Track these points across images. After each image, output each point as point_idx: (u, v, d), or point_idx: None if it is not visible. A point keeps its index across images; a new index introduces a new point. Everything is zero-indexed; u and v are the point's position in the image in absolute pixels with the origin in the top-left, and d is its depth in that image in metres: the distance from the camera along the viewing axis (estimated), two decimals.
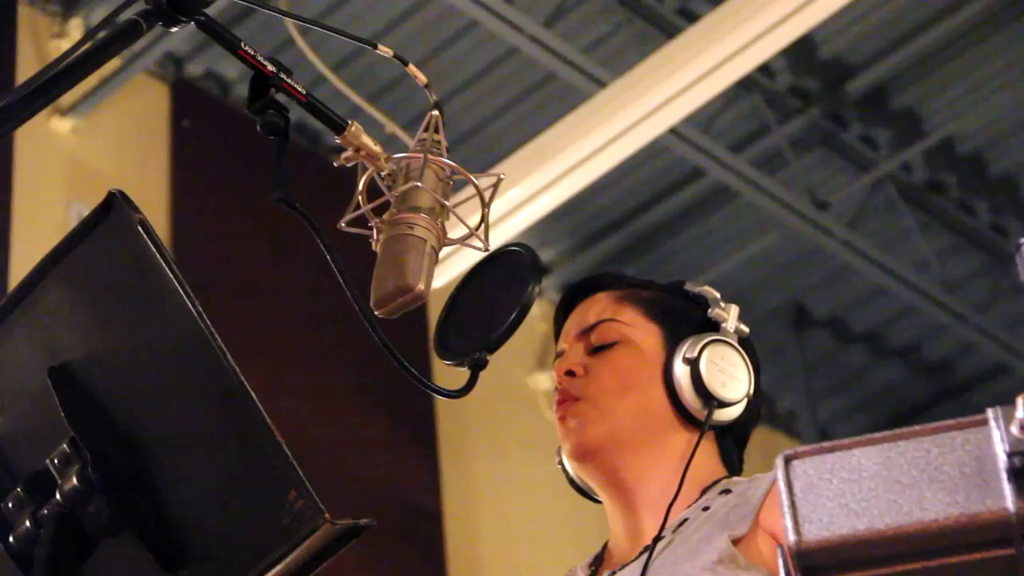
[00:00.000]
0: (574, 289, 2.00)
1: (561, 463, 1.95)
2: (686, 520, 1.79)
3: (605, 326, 1.93)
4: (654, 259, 6.45)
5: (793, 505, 1.01)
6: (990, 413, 0.99)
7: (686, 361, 1.86)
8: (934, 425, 0.99)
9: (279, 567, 1.28)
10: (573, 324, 1.96)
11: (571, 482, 1.97)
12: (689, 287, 1.97)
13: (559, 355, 1.95)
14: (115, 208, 1.37)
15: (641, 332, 1.92)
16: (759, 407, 1.94)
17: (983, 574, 0.98)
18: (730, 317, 1.92)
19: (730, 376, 1.87)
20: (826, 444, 1.01)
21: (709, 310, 1.92)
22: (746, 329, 1.93)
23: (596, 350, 1.92)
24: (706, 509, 1.79)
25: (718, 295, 1.95)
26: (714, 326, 1.91)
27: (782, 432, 7.13)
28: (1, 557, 1.39)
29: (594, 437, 1.87)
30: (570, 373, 1.90)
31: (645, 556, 1.75)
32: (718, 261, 6.44)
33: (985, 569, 0.97)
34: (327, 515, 1.25)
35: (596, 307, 1.95)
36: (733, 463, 1.92)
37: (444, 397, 1.61)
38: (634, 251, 6.51)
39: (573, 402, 1.88)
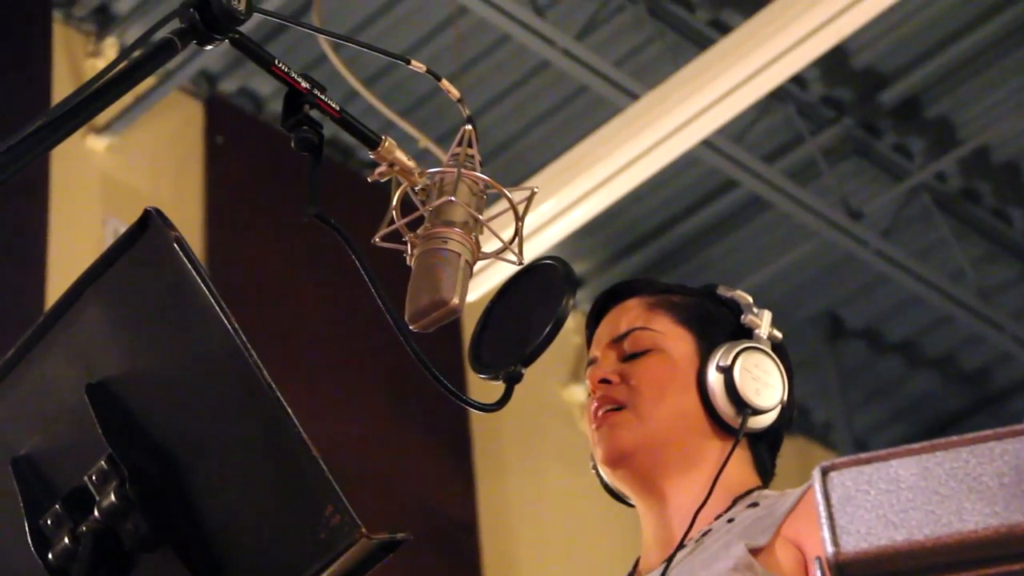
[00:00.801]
0: (605, 296, 2.00)
1: (596, 468, 1.95)
2: (709, 531, 1.79)
3: (637, 334, 1.92)
4: (687, 271, 6.44)
5: (831, 516, 1.00)
6: None
7: (720, 369, 1.86)
8: (972, 435, 0.99)
9: None
10: (605, 332, 1.96)
11: (605, 487, 1.97)
12: (721, 291, 1.97)
13: (591, 362, 1.95)
14: (151, 226, 1.38)
15: (673, 339, 1.91)
16: (792, 412, 1.94)
17: None
18: (763, 323, 1.91)
19: (764, 384, 1.86)
20: (863, 455, 1.01)
21: (742, 316, 1.92)
22: (779, 334, 1.93)
23: (629, 358, 1.92)
24: (731, 521, 1.79)
25: (750, 300, 1.94)
26: (747, 332, 1.91)
27: (818, 443, 7.10)
28: (40, 574, 1.40)
29: (629, 443, 1.87)
30: (605, 381, 1.90)
31: (664, 564, 1.75)
32: (752, 272, 6.43)
33: None
34: (363, 529, 1.25)
35: (628, 315, 1.95)
36: (767, 470, 1.92)
37: (479, 411, 1.61)
38: (667, 263, 6.50)
39: (611, 409, 1.88)
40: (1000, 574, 0.96)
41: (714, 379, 1.86)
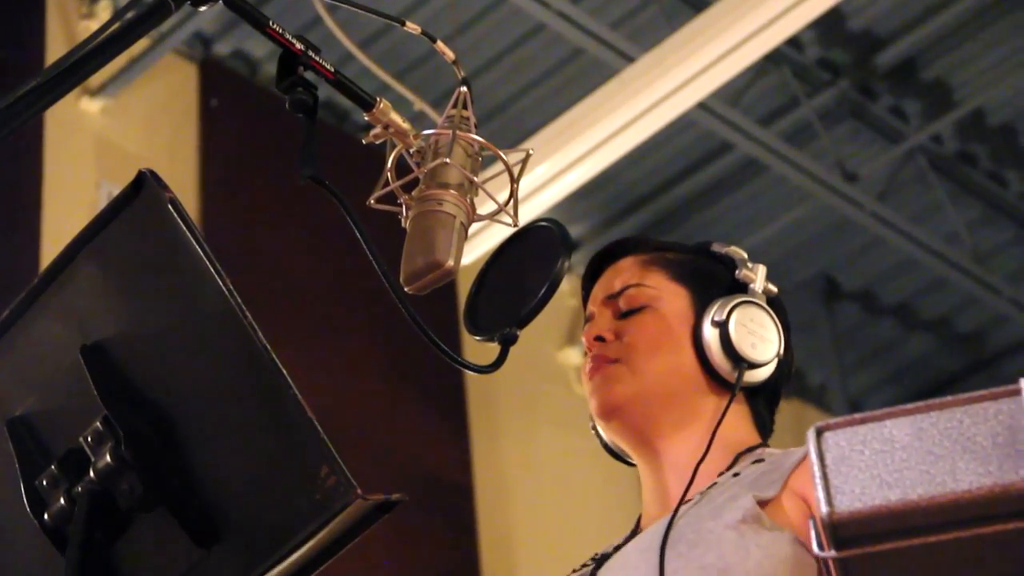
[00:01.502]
0: (600, 255, 2.00)
1: (595, 428, 1.95)
2: (715, 484, 1.80)
3: (632, 292, 1.93)
4: (683, 234, 6.44)
5: (825, 477, 1.01)
6: (1023, 383, 0.98)
7: (715, 324, 1.86)
8: (966, 396, 0.99)
9: (311, 542, 1.28)
10: (600, 290, 1.96)
11: (604, 446, 1.98)
12: (716, 248, 1.97)
13: (587, 321, 1.95)
14: (145, 187, 1.38)
15: (668, 296, 1.92)
16: (790, 366, 1.94)
17: (1017, 544, 0.97)
18: (758, 277, 1.91)
19: (760, 337, 1.86)
20: (858, 416, 1.01)
21: (737, 271, 1.92)
22: (774, 289, 1.93)
23: (624, 315, 1.92)
24: (736, 476, 1.80)
25: (745, 255, 1.94)
26: (742, 287, 1.91)
27: (813, 405, 7.12)
28: (36, 534, 1.40)
29: (621, 395, 1.87)
30: (600, 339, 1.91)
31: (670, 516, 1.75)
32: (747, 235, 6.42)
33: (1019, 539, 0.97)
34: (359, 491, 1.25)
35: (622, 273, 1.95)
36: (765, 426, 1.92)
37: (474, 372, 1.61)
38: (663, 226, 6.49)
39: (605, 364, 1.89)
40: (994, 533, 0.97)
41: (709, 334, 1.87)
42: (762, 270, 1.93)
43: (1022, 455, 0.96)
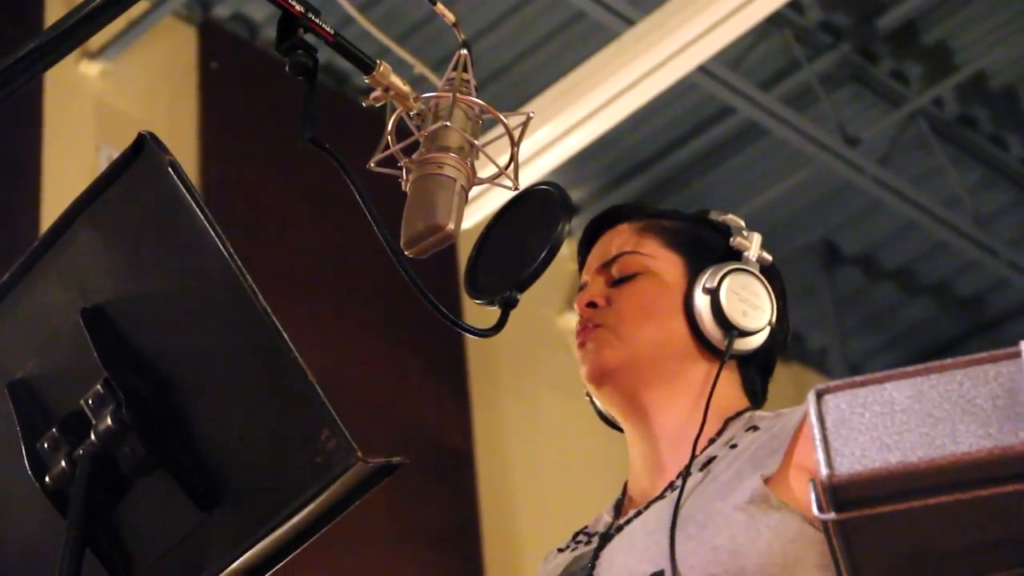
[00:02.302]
0: (596, 221, 2.00)
1: (589, 395, 1.95)
2: (714, 458, 1.79)
3: (626, 258, 1.92)
4: (684, 198, 6.43)
5: (825, 439, 1.01)
6: (1023, 346, 0.98)
7: (706, 291, 1.86)
8: (967, 358, 0.99)
9: (312, 505, 1.28)
10: (595, 257, 1.96)
11: (599, 413, 1.98)
12: (713, 216, 1.96)
13: (582, 288, 1.95)
14: (145, 150, 1.38)
15: (662, 262, 1.91)
16: (785, 334, 1.94)
17: (1016, 506, 0.98)
18: (752, 245, 1.91)
19: (751, 305, 1.86)
20: (858, 378, 1.01)
21: (731, 239, 1.92)
22: (769, 257, 1.92)
23: (617, 282, 1.92)
24: (734, 447, 1.79)
25: (742, 223, 1.94)
26: (736, 255, 1.90)
27: (813, 369, 7.12)
28: (37, 496, 1.40)
29: (611, 360, 1.87)
30: (591, 304, 1.90)
31: (673, 494, 1.75)
32: (748, 199, 6.42)
33: (1019, 501, 0.97)
34: (359, 453, 1.25)
35: (617, 239, 1.95)
36: (756, 393, 1.92)
37: (475, 336, 1.61)
38: (664, 190, 6.49)
39: (593, 329, 1.88)
40: (993, 495, 0.97)
41: (700, 301, 1.86)
42: (757, 238, 1.92)
43: (1022, 417, 0.96)
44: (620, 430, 1.97)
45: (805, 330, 7.04)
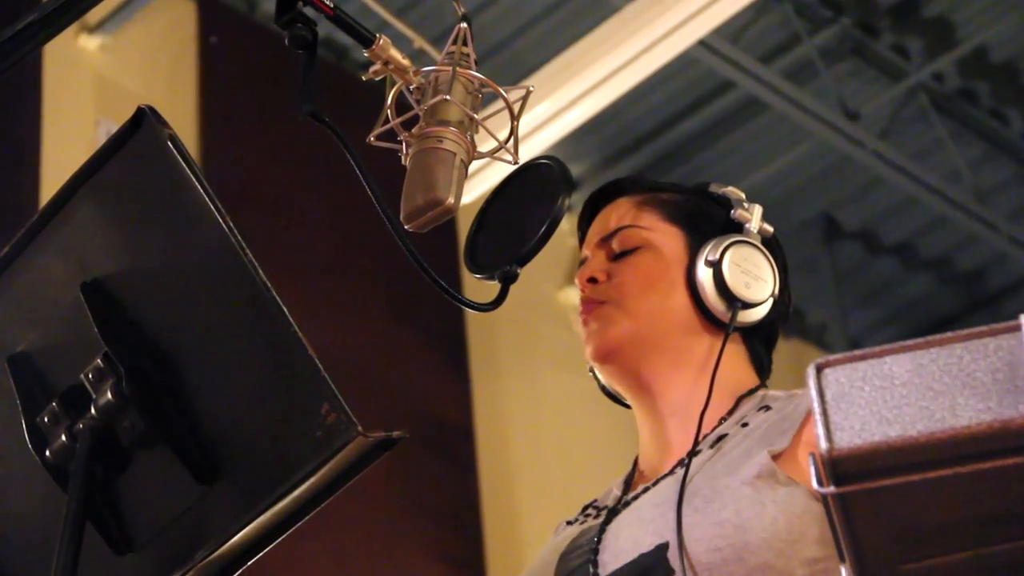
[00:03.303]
0: (595, 195, 1.99)
1: (592, 370, 1.95)
2: (724, 436, 1.79)
3: (626, 232, 1.92)
4: (683, 173, 6.43)
5: (825, 413, 1.01)
6: (1023, 319, 0.98)
7: (708, 264, 1.86)
8: (966, 332, 0.99)
9: (312, 479, 1.29)
10: (595, 231, 1.96)
11: (602, 388, 1.98)
12: (713, 188, 1.96)
13: (582, 262, 1.95)
14: (144, 123, 1.37)
15: (662, 236, 1.91)
16: (786, 306, 1.94)
17: (1016, 480, 0.98)
18: (753, 217, 1.91)
19: (754, 277, 1.86)
20: (858, 352, 1.01)
21: (732, 211, 1.92)
22: (770, 229, 1.92)
23: (618, 256, 1.91)
24: (745, 426, 1.79)
25: (742, 195, 1.94)
26: (737, 227, 1.90)
27: (813, 344, 7.13)
28: (37, 470, 1.41)
29: (615, 337, 1.87)
30: (592, 280, 1.90)
31: (681, 470, 1.75)
32: (748, 174, 6.41)
33: (1019, 475, 0.97)
34: (360, 428, 1.25)
35: (616, 213, 1.95)
36: (763, 366, 1.92)
37: (475, 310, 1.61)
38: (664, 165, 6.48)
39: (597, 306, 1.88)
40: (993, 469, 0.97)
41: (703, 274, 1.86)
42: (758, 210, 1.92)
43: (1022, 391, 0.96)
44: (623, 404, 1.98)
45: (805, 305, 7.04)
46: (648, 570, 1.66)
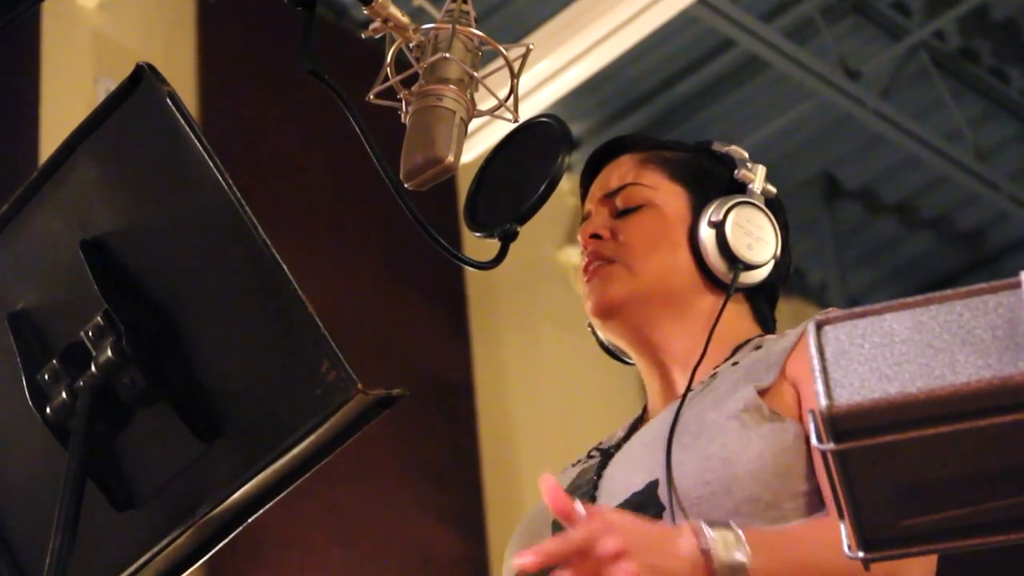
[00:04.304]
0: (599, 152, 1.99)
1: (592, 326, 1.96)
2: (716, 374, 1.81)
3: (629, 190, 1.92)
4: (684, 132, 6.41)
5: (824, 370, 1.01)
6: (1023, 276, 0.98)
7: (711, 224, 1.86)
8: (966, 289, 0.99)
9: (312, 437, 1.29)
10: (597, 188, 1.96)
11: (602, 345, 1.98)
12: (716, 147, 1.96)
13: (585, 218, 1.95)
14: (143, 81, 1.37)
15: (666, 195, 1.91)
16: (788, 266, 1.94)
17: (1015, 436, 0.98)
18: (757, 178, 1.91)
19: (756, 238, 1.87)
20: (858, 309, 1.01)
21: (736, 171, 1.92)
22: (773, 189, 1.93)
23: (621, 214, 1.92)
24: (736, 364, 1.80)
25: (746, 155, 1.94)
26: (740, 187, 1.91)
27: (813, 303, 7.13)
28: (38, 427, 1.41)
29: (617, 295, 1.87)
30: (595, 236, 1.91)
31: (674, 406, 1.76)
32: (749, 133, 6.40)
33: (1017, 431, 0.97)
34: (360, 385, 1.25)
35: (620, 170, 1.95)
36: (767, 322, 1.93)
37: (475, 268, 1.61)
38: (664, 124, 6.47)
39: (601, 263, 1.89)
40: (992, 426, 0.97)
41: (705, 235, 1.87)
42: (761, 170, 1.93)
43: (1021, 348, 0.96)
44: (622, 361, 1.98)
45: (805, 264, 7.04)
46: (640, 507, 1.67)
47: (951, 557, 1.18)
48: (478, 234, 1.70)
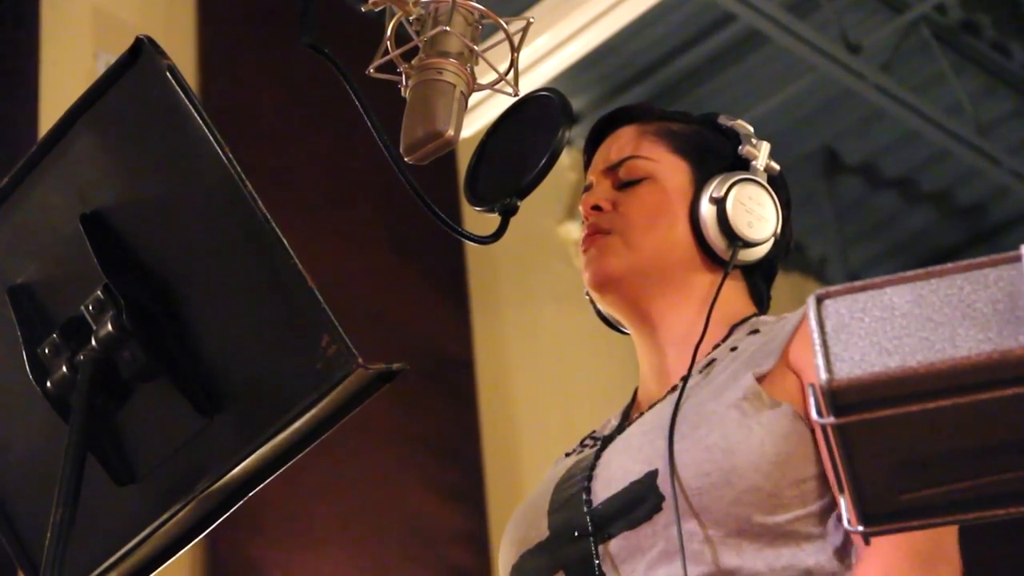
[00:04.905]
0: (603, 121, 1.99)
1: (590, 295, 1.96)
2: (714, 361, 1.80)
3: (632, 163, 1.92)
4: (685, 106, 6.37)
5: (825, 344, 1.01)
6: (1023, 250, 0.98)
7: (713, 201, 1.86)
8: (967, 262, 0.99)
9: (312, 411, 1.29)
10: (600, 159, 1.96)
11: (599, 314, 1.98)
12: (722, 120, 1.96)
13: (586, 189, 1.95)
14: (143, 54, 1.37)
15: (668, 169, 1.91)
16: (788, 244, 1.94)
17: (1015, 410, 0.98)
18: (761, 154, 1.91)
19: (757, 216, 1.86)
20: (858, 283, 1.01)
21: (740, 147, 1.91)
22: (776, 166, 1.92)
23: (623, 186, 1.91)
24: (734, 349, 1.80)
25: (751, 130, 1.93)
26: (744, 163, 1.90)
27: (813, 278, 7.13)
28: (39, 401, 1.41)
29: (615, 267, 1.87)
30: (597, 208, 1.90)
31: (673, 396, 1.76)
32: (749, 107, 6.39)
33: (1017, 405, 0.97)
34: (360, 359, 1.25)
35: (620, 142, 1.94)
36: (762, 299, 1.93)
37: (475, 243, 1.61)
38: (664, 98, 6.46)
39: (600, 235, 1.88)
40: (992, 399, 0.97)
41: (706, 210, 1.86)
42: (765, 147, 1.92)
43: (1021, 322, 0.96)
44: (619, 331, 1.98)
45: (805, 239, 7.04)
46: (639, 497, 1.67)
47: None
48: (478, 208, 1.70)
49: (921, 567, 1.62)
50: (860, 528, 1.05)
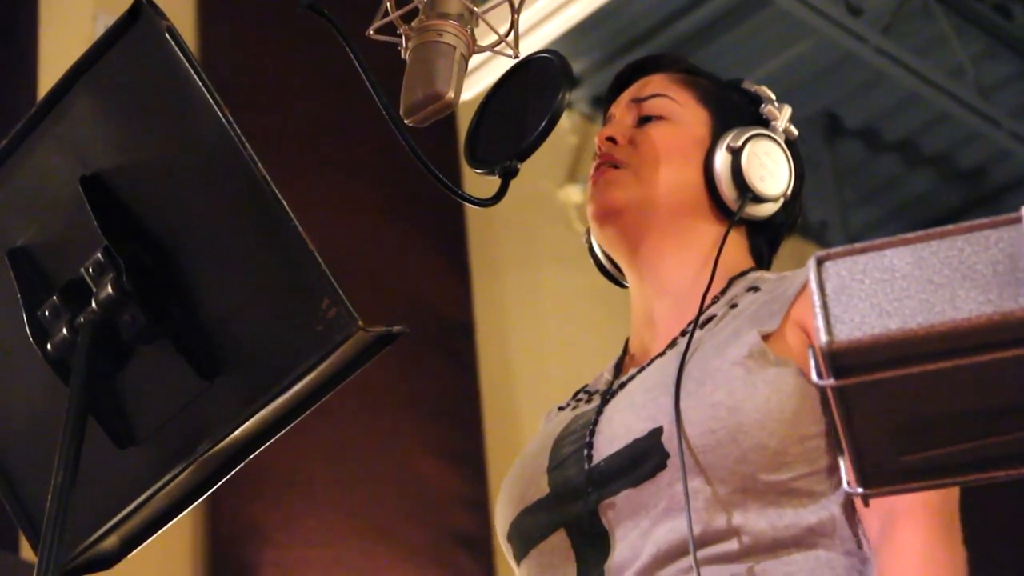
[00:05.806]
0: (632, 67, 1.99)
1: (588, 240, 1.95)
2: (714, 317, 1.80)
3: (657, 100, 1.92)
4: None
5: (825, 306, 1.01)
6: None
7: (729, 150, 1.86)
8: (967, 224, 0.99)
9: (313, 374, 1.29)
10: (627, 94, 1.95)
11: (597, 264, 1.98)
12: (746, 85, 1.97)
13: (606, 121, 1.95)
14: (142, 16, 1.36)
15: (690, 113, 1.91)
16: (796, 212, 1.94)
17: (1016, 371, 0.98)
18: (782, 117, 1.92)
19: (769, 172, 1.87)
20: (858, 245, 1.01)
21: (762, 106, 1.92)
22: (795, 131, 1.93)
23: (643, 121, 1.91)
24: (734, 307, 1.80)
25: (773, 96, 1.94)
26: (764, 123, 1.91)
27: (813, 242, 7.12)
28: (39, 363, 1.41)
29: (620, 199, 1.86)
30: (611, 140, 1.90)
31: (674, 351, 1.76)
32: (750, 70, 6.37)
33: (1017, 367, 0.97)
34: (360, 322, 1.25)
35: (652, 82, 1.95)
36: (762, 259, 1.93)
37: (475, 205, 1.61)
38: None
39: (611, 168, 1.88)
40: (992, 361, 0.97)
41: (721, 159, 1.86)
42: (787, 110, 1.94)
43: (1022, 283, 0.96)
44: (616, 282, 1.97)
45: (806, 203, 6.99)
46: (643, 455, 1.67)
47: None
48: (478, 171, 1.70)
49: (950, 535, 1.62)
50: (860, 490, 1.05)
